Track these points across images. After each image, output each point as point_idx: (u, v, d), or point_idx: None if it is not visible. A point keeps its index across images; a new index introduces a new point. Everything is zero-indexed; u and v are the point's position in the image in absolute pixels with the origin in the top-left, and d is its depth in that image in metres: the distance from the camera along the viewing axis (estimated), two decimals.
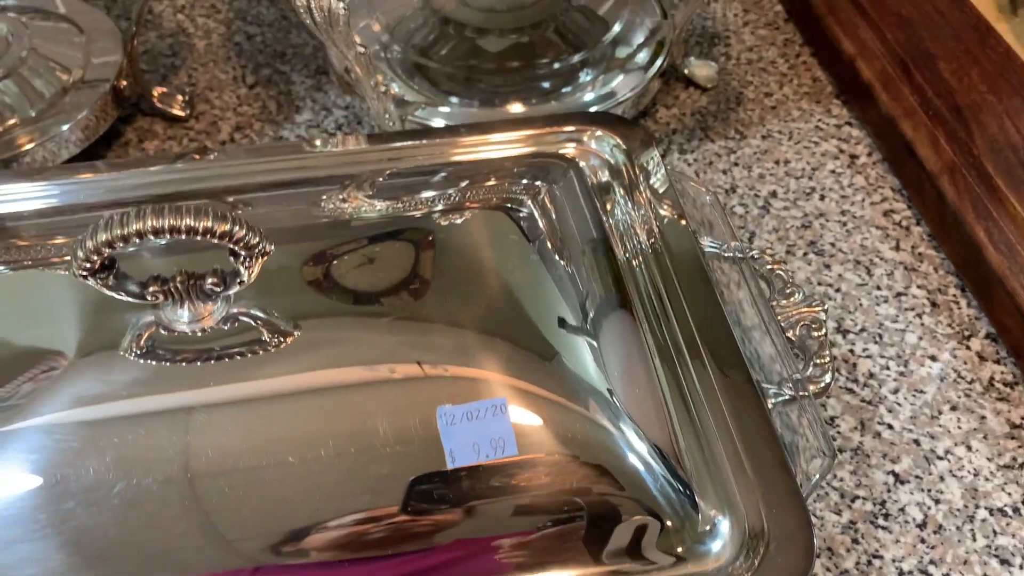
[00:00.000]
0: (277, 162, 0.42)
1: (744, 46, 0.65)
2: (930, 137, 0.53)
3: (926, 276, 0.50)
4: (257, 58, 0.64)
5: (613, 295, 0.38)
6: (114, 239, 0.28)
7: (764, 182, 0.55)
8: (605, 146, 0.43)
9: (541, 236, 0.40)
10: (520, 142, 0.43)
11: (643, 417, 0.34)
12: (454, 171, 0.41)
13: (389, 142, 0.43)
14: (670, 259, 0.39)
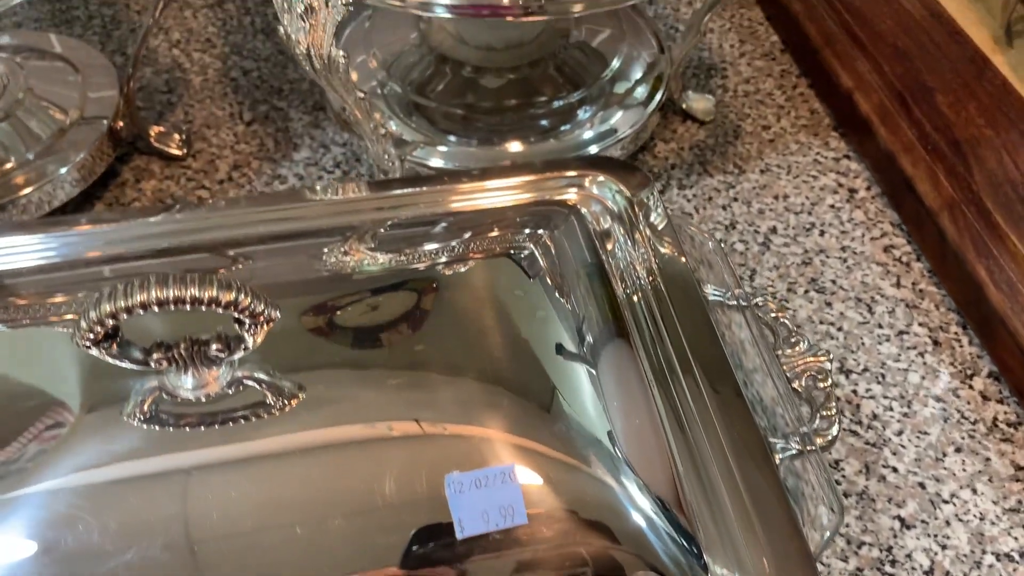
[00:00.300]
0: (277, 212, 0.42)
1: (741, 78, 0.65)
2: (929, 173, 0.53)
3: (927, 314, 0.50)
4: (254, 94, 0.63)
5: (616, 342, 0.38)
6: (118, 310, 0.28)
7: (764, 217, 0.55)
8: (607, 191, 0.43)
9: (545, 285, 0.40)
10: (521, 188, 0.43)
11: (650, 474, 0.34)
12: (456, 221, 0.41)
13: (389, 189, 0.43)
14: (673, 307, 0.39)
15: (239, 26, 0.69)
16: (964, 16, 0.63)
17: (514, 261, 0.40)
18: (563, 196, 0.43)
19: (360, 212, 0.42)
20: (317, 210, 0.42)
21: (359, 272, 0.39)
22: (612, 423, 0.35)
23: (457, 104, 0.57)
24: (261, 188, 0.57)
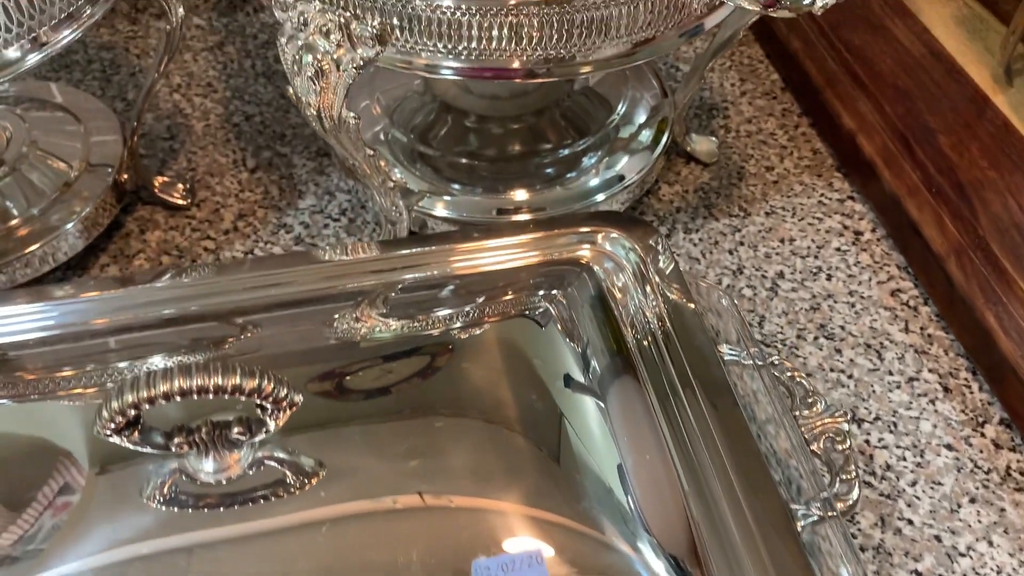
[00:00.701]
0: (285, 275, 0.42)
1: (743, 117, 0.65)
2: (935, 217, 0.53)
3: (937, 359, 0.50)
4: (257, 140, 0.63)
5: (635, 405, 0.38)
6: (140, 401, 0.28)
7: (771, 262, 0.55)
8: (619, 248, 0.43)
9: (562, 347, 0.40)
10: (532, 246, 0.43)
11: (672, 542, 0.34)
12: (469, 283, 0.41)
13: (397, 249, 0.43)
14: (690, 368, 0.39)
15: (240, 69, 0.69)
16: (963, 54, 0.63)
17: (530, 324, 0.40)
18: (575, 254, 0.43)
19: (369, 274, 0.42)
20: (326, 272, 0.42)
21: (371, 339, 0.39)
22: (634, 491, 0.35)
23: (461, 152, 0.56)
24: (267, 238, 0.57)
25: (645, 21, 0.41)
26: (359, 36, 0.41)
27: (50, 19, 0.42)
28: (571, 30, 0.40)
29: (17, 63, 0.42)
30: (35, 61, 0.43)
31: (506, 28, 0.40)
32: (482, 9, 0.39)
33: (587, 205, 0.54)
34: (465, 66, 0.41)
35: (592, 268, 0.42)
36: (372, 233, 0.57)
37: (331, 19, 0.41)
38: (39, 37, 0.42)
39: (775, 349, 0.51)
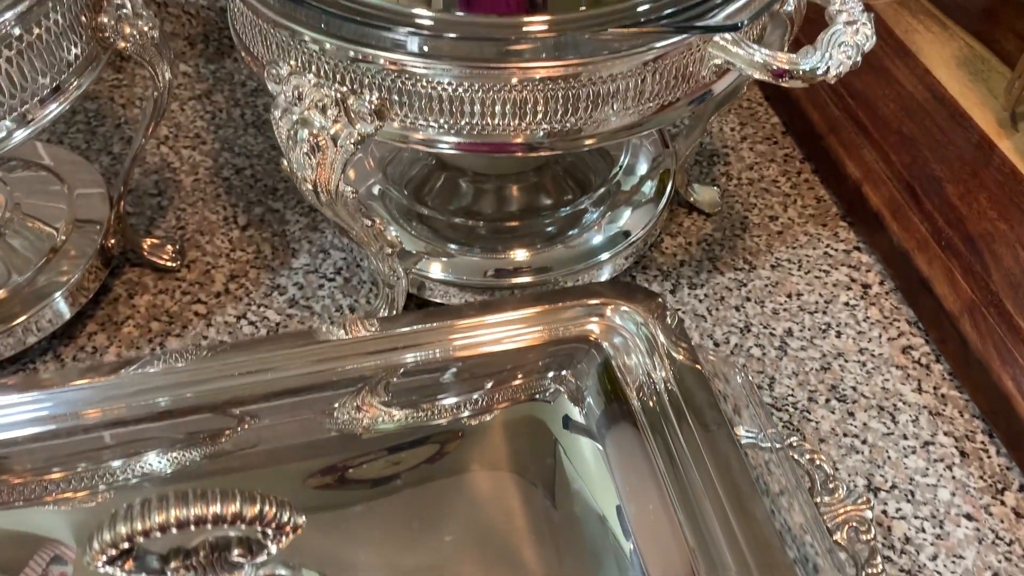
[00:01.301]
0: (282, 358, 0.40)
1: (744, 164, 0.64)
2: (946, 273, 0.52)
3: (952, 421, 0.49)
4: (248, 194, 0.62)
5: (649, 492, 0.37)
6: (134, 533, 0.26)
7: (778, 319, 0.54)
8: (629, 323, 0.42)
9: (575, 433, 0.38)
10: (538, 321, 0.42)
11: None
12: (474, 366, 0.40)
13: (397, 327, 0.41)
14: (704, 449, 0.37)
15: (228, 119, 0.67)
16: (966, 97, 0.63)
17: (540, 410, 0.38)
18: (583, 329, 0.42)
19: (369, 356, 0.40)
20: (324, 354, 0.40)
21: (374, 431, 0.37)
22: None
23: (458, 211, 0.55)
24: (260, 300, 0.55)
25: (653, 92, 0.40)
26: (357, 112, 0.39)
27: (36, 95, 0.41)
28: (576, 104, 0.39)
29: (3, 142, 0.40)
30: (22, 138, 0.41)
31: (509, 104, 0.38)
32: (484, 86, 0.38)
33: (591, 265, 0.52)
34: (464, 141, 0.40)
35: (601, 345, 0.41)
36: (368, 294, 0.55)
37: (327, 94, 0.39)
38: (26, 114, 0.41)
39: (787, 413, 0.49)
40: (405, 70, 0.38)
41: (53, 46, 0.41)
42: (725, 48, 0.39)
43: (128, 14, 0.45)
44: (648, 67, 0.39)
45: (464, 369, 0.40)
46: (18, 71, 0.39)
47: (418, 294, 0.53)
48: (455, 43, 0.37)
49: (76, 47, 0.42)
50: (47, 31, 0.40)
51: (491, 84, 0.38)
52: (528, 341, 0.41)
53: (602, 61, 0.37)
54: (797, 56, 0.39)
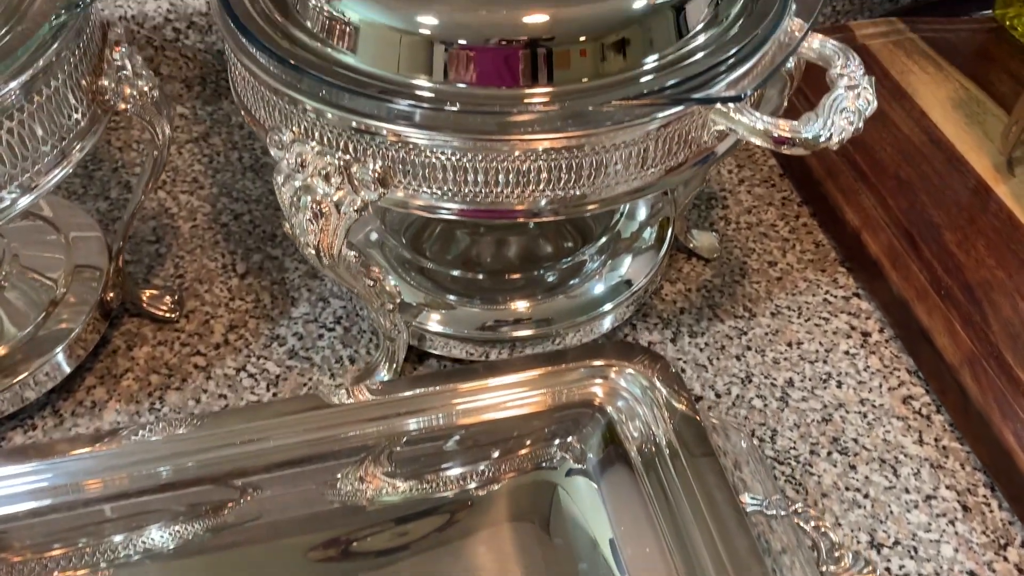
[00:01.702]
0: (284, 426, 0.40)
1: (742, 207, 0.64)
2: (946, 324, 0.52)
3: (954, 474, 0.49)
4: (247, 241, 0.61)
5: (654, 558, 0.37)
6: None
7: (779, 368, 0.54)
8: (634, 386, 0.42)
9: (579, 498, 0.38)
10: (541, 384, 0.42)
11: None
12: (478, 434, 0.40)
13: (399, 392, 0.41)
14: (708, 514, 0.37)
15: (227, 163, 0.67)
16: (962, 141, 0.63)
17: (546, 477, 0.38)
18: (587, 391, 0.42)
19: (372, 422, 0.40)
20: (326, 421, 0.40)
21: (378, 502, 0.37)
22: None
23: (457, 261, 0.55)
24: (259, 352, 0.55)
25: (656, 158, 0.40)
26: (360, 180, 0.39)
27: (38, 162, 0.40)
28: (579, 173, 0.39)
29: (7, 209, 0.40)
30: (25, 204, 0.41)
31: (512, 173, 0.38)
32: (487, 157, 0.38)
33: (593, 317, 0.52)
34: (467, 208, 0.40)
35: (605, 409, 0.41)
36: (368, 344, 0.55)
37: (331, 162, 0.39)
38: (30, 182, 0.40)
39: (789, 466, 0.49)
40: (407, 141, 0.38)
41: (55, 113, 0.40)
42: (727, 115, 0.39)
43: (128, 75, 0.45)
44: (652, 135, 0.39)
45: (469, 437, 0.40)
46: (19, 141, 0.39)
47: (418, 346, 0.53)
48: (457, 115, 0.37)
49: (77, 112, 0.42)
50: (48, 99, 0.40)
51: (494, 155, 0.38)
52: (532, 406, 0.41)
53: (605, 132, 0.37)
54: (799, 123, 0.39)
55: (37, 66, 0.39)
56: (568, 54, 0.38)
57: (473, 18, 0.39)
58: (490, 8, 0.39)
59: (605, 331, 0.54)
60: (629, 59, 0.39)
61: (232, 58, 0.43)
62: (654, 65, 0.39)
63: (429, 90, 0.39)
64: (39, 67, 0.39)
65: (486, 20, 0.39)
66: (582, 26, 0.38)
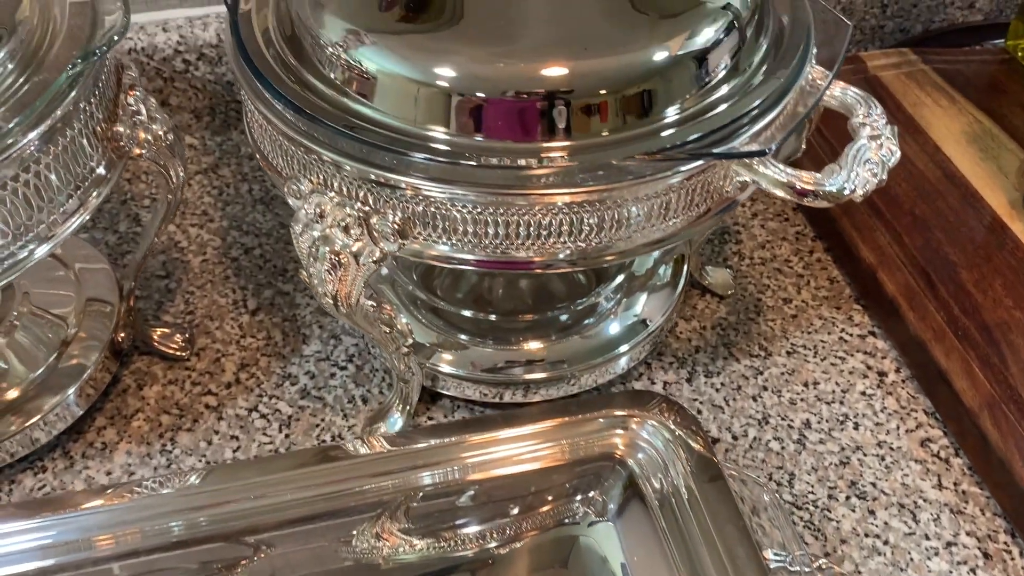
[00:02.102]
0: (298, 479, 0.39)
1: (756, 242, 0.63)
2: (964, 366, 0.52)
3: (974, 520, 0.49)
4: (257, 276, 0.61)
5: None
6: None
7: (796, 409, 0.54)
8: (656, 438, 0.41)
9: (601, 554, 0.38)
10: (559, 434, 0.41)
11: None
12: (496, 488, 0.39)
13: (414, 443, 0.41)
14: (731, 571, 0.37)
15: (236, 195, 0.67)
16: (977, 176, 0.63)
17: (569, 534, 0.38)
18: (607, 443, 0.42)
19: (387, 475, 0.40)
20: (340, 473, 0.40)
21: (394, 561, 0.37)
22: None
23: (468, 300, 0.54)
24: (271, 391, 0.54)
25: (678, 210, 0.39)
26: (380, 231, 0.39)
27: (54, 213, 0.40)
28: (600, 226, 0.38)
29: (25, 259, 0.40)
30: (43, 254, 0.40)
31: (532, 227, 0.38)
32: (507, 209, 0.37)
33: (609, 358, 0.52)
34: (484, 259, 0.39)
35: (626, 462, 0.41)
36: (381, 383, 0.55)
37: (350, 213, 0.39)
38: (47, 231, 0.40)
39: (807, 512, 0.49)
40: (425, 194, 0.38)
41: (71, 162, 0.40)
42: (750, 167, 0.39)
43: (143, 120, 0.44)
44: (674, 188, 0.38)
45: (489, 492, 0.39)
46: (35, 192, 0.38)
47: (431, 387, 0.53)
48: (475, 169, 0.37)
49: (93, 160, 0.42)
50: (65, 149, 0.39)
51: (512, 209, 0.37)
52: (552, 460, 0.40)
53: (627, 187, 0.37)
54: (822, 176, 0.39)
55: (55, 116, 0.38)
56: (588, 108, 0.38)
57: (491, 71, 0.38)
58: (508, 60, 0.38)
59: (621, 372, 0.53)
60: (650, 112, 0.38)
61: (248, 104, 0.43)
62: (676, 117, 0.38)
63: (446, 142, 0.38)
64: (57, 117, 0.38)
65: (504, 73, 0.38)
66: (602, 79, 0.38)
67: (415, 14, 0.41)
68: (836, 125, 0.47)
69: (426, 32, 0.41)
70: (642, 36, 0.40)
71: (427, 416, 0.53)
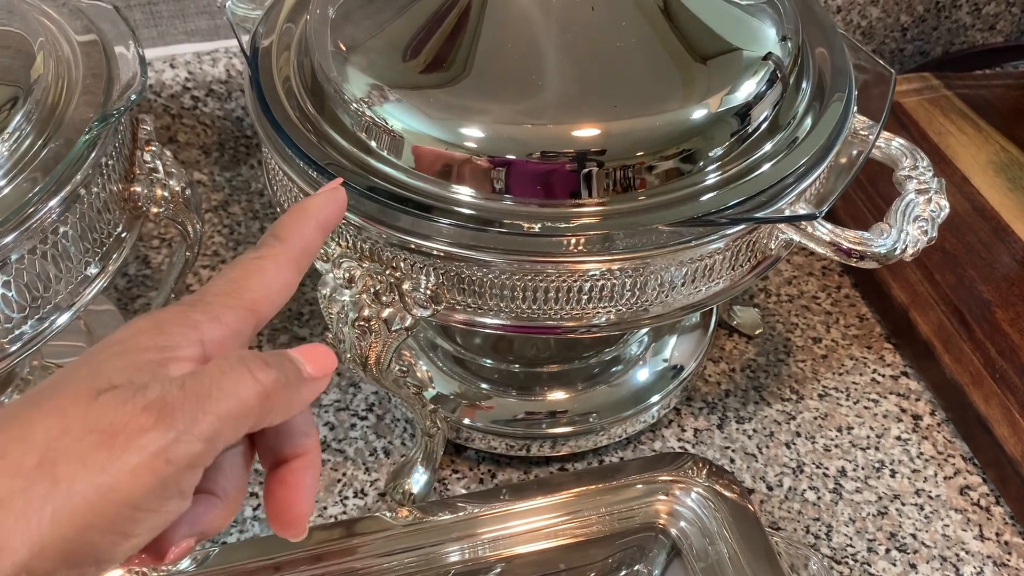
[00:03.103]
0: (318, 560, 0.38)
1: (782, 278, 0.62)
2: (1004, 413, 0.50)
3: (1019, 573, 0.47)
4: (272, 321, 0.59)
5: None
6: None
7: (831, 456, 0.52)
8: (702, 508, 0.40)
9: None
10: (599, 503, 0.40)
11: None
12: (535, 565, 0.37)
13: (437, 515, 0.39)
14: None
15: (248, 233, 0.65)
16: (1007, 208, 0.61)
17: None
18: (648, 511, 0.40)
19: (413, 551, 0.38)
20: (365, 551, 0.38)
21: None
22: None
23: (489, 349, 0.53)
24: None
25: (720, 272, 0.38)
26: (413, 298, 0.37)
27: (71, 282, 0.38)
28: (640, 291, 0.37)
29: (47, 330, 0.38)
30: (64, 322, 0.39)
31: (567, 290, 0.36)
32: (536, 276, 0.36)
33: (640, 409, 0.50)
34: (511, 324, 0.38)
35: (669, 532, 0.39)
36: (403, 434, 0.53)
37: (381, 280, 0.37)
38: (68, 300, 0.38)
39: (846, 566, 0.48)
40: (455, 257, 0.36)
41: (88, 229, 0.39)
42: (797, 228, 0.37)
43: (160, 177, 0.43)
44: (718, 251, 0.37)
45: (525, 569, 0.38)
46: (54, 262, 0.37)
47: (455, 439, 0.51)
48: (505, 237, 0.36)
49: (110, 224, 0.40)
50: (83, 215, 0.38)
51: (542, 276, 0.36)
52: (592, 532, 0.39)
53: (668, 253, 0.35)
54: (871, 235, 0.37)
55: (75, 181, 0.37)
56: (622, 169, 0.36)
57: (520, 132, 0.37)
58: (538, 121, 0.37)
59: (651, 422, 0.52)
60: (689, 173, 0.37)
61: (270, 162, 0.42)
62: (717, 178, 0.37)
63: (473, 206, 0.36)
64: (77, 182, 0.37)
65: (534, 134, 0.37)
66: (637, 140, 0.36)
67: (438, 65, 0.39)
68: (868, 169, 0.46)
69: (450, 86, 0.39)
70: (676, 91, 0.38)
71: (452, 469, 0.52)
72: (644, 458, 0.45)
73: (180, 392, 0.24)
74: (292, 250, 0.29)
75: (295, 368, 0.26)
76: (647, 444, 0.53)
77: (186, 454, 0.23)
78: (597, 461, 0.52)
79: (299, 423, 0.28)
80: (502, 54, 0.39)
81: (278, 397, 0.25)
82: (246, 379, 0.25)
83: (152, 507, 0.23)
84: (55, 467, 0.23)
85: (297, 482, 0.27)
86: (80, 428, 0.23)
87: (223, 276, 0.28)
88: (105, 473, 0.23)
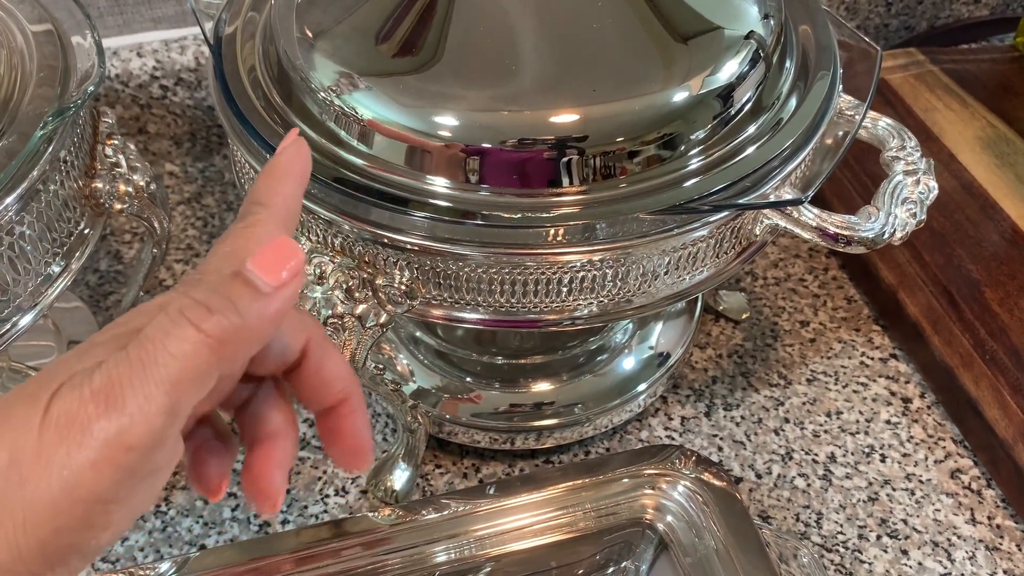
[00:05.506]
0: (300, 563, 0.37)
1: (768, 261, 0.61)
2: (995, 395, 0.50)
3: (1011, 557, 0.47)
4: None
5: None
6: None
7: (820, 442, 0.51)
8: (686, 498, 0.39)
9: None
10: (584, 498, 0.39)
11: None
12: (522, 563, 0.37)
13: (422, 512, 0.38)
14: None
15: (222, 225, 0.64)
16: (995, 186, 0.60)
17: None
18: (634, 506, 0.39)
19: (395, 552, 0.37)
20: (346, 554, 0.37)
21: None
22: None
23: (471, 341, 0.51)
24: None
25: (704, 259, 0.37)
26: (387, 294, 0.36)
27: (31, 282, 0.37)
28: (626, 280, 0.36)
29: (10, 332, 0.37)
30: (28, 322, 0.37)
31: (547, 283, 0.35)
32: (515, 269, 0.35)
33: (626, 398, 0.49)
34: (490, 318, 0.37)
35: (656, 527, 0.38)
36: (384, 429, 0.52)
37: (353, 276, 0.36)
38: (29, 300, 0.37)
39: (837, 554, 0.47)
40: (429, 250, 0.35)
41: (47, 227, 0.37)
42: (782, 213, 0.36)
43: (123, 171, 0.41)
44: (701, 239, 0.36)
45: (512, 567, 0.37)
46: (12, 262, 0.35)
47: (438, 433, 0.50)
48: (482, 229, 0.34)
49: (71, 222, 0.38)
50: (42, 212, 0.36)
51: (520, 268, 0.34)
52: (579, 528, 0.38)
53: (650, 242, 0.34)
54: (858, 219, 0.36)
55: (32, 177, 0.35)
56: (603, 156, 0.35)
57: (496, 119, 0.35)
58: (514, 107, 0.35)
59: (638, 412, 0.51)
60: (672, 159, 0.35)
61: (237, 154, 0.40)
62: (700, 163, 0.36)
63: (448, 197, 0.35)
64: (34, 178, 0.35)
65: (510, 121, 0.35)
66: (617, 125, 0.35)
67: (408, 50, 0.38)
68: (855, 146, 0.45)
69: (422, 72, 0.37)
70: (657, 72, 0.37)
71: (435, 464, 0.50)
72: (630, 451, 0.44)
73: (126, 366, 0.22)
74: (278, 212, 0.26)
75: (249, 292, 0.23)
76: (633, 434, 0.52)
77: (146, 433, 0.22)
78: (583, 453, 0.51)
79: (332, 368, 0.27)
80: (475, 37, 0.38)
81: (237, 339, 0.23)
82: (190, 335, 0.22)
83: (123, 496, 0.22)
84: (22, 467, 0.22)
85: (351, 427, 0.28)
86: (41, 424, 0.22)
87: (215, 252, 0.25)
88: (66, 470, 0.21)
